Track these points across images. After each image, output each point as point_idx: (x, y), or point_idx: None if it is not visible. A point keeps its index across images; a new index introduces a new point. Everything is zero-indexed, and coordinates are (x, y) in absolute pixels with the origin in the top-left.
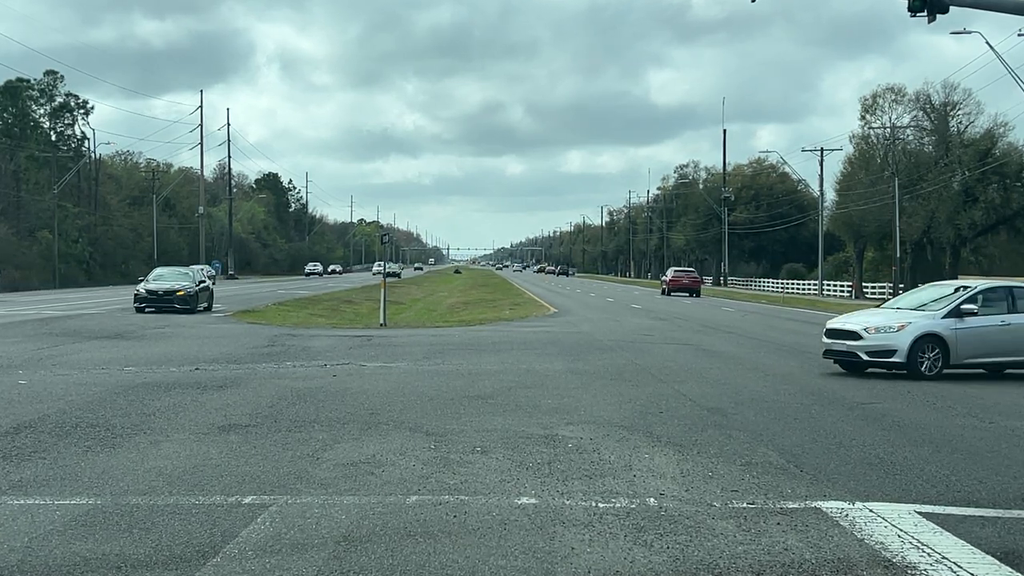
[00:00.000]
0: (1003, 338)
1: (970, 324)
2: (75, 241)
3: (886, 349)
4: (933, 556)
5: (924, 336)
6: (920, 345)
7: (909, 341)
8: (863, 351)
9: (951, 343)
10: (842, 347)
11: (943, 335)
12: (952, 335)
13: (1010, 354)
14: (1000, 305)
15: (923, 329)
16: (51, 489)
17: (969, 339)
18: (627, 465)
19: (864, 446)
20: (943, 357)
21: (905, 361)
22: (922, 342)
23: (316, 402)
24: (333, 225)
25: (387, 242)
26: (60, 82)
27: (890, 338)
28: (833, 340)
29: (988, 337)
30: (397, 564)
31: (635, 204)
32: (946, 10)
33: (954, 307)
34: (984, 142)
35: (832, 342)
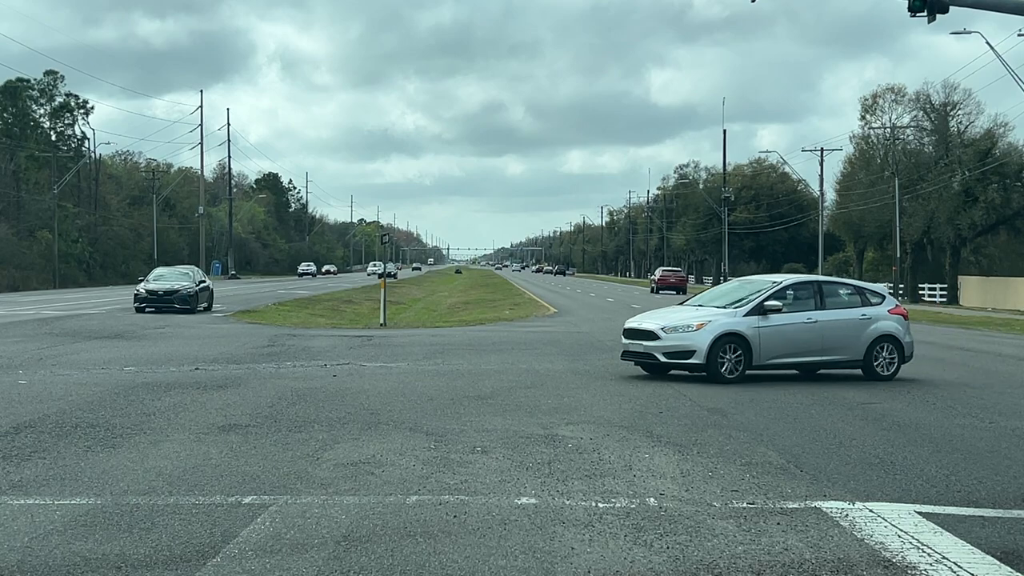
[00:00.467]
0: (809, 336)
1: (774, 322)
2: (75, 241)
3: (684, 350)
4: (933, 556)
5: (724, 335)
6: (720, 345)
7: (708, 341)
8: (660, 352)
9: (754, 343)
10: (639, 348)
11: (745, 334)
12: (755, 334)
13: (816, 353)
14: (808, 302)
15: (723, 328)
16: (51, 489)
17: (773, 338)
18: (627, 465)
19: (864, 446)
20: (745, 358)
21: (704, 363)
22: (722, 342)
23: (316, 402)
24: (334, 225)
25: (387, 242)
26: (60, 82)
27: (688, 338)
28: (631, 341)
29: (793, 336)
30: (397, 564)
31: (635, 204)
32: (946, 10)
33: (757, 304)
34: (984, 142)
35: (629, 343)
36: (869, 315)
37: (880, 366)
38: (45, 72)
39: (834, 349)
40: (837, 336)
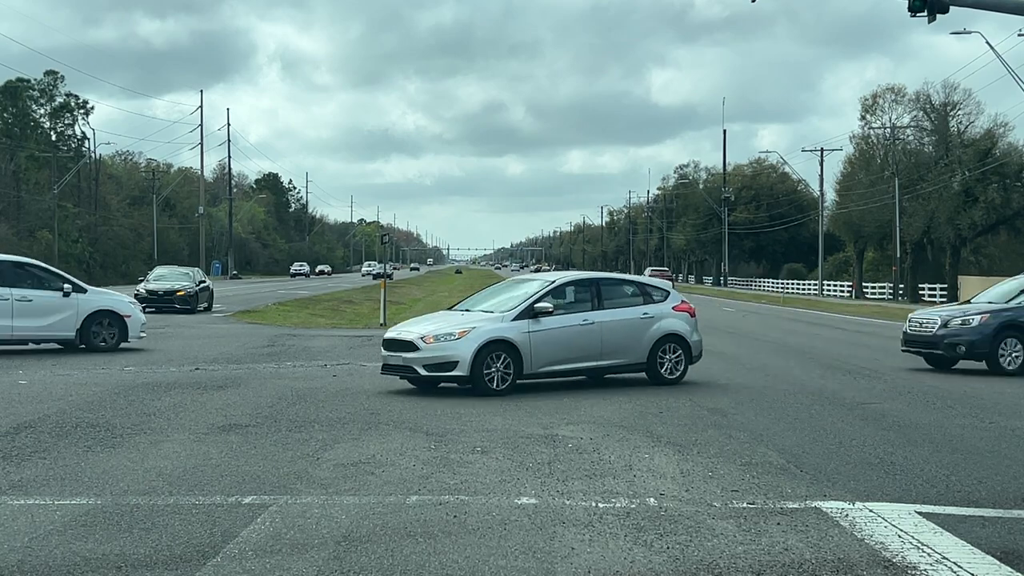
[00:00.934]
0: (586, 340)
1: (547, 325)
2: (75, 241)
3: (446, 361)
4: (933, 556)
5: (491, 343)
6: (486, 354)
7: (472, 350)
8: (420, 365)
9: (524, 349)
10: (398, 361)
11: (514, 340)
12: (525, 340)
13: (595, 358)
14: (584, 302)
15: (489, 335)
16: (51, 489)
17: (546, 343)
18: (627, 465)
19: (864, 446)
20: (515, 366)
21: (468, 374)
22: (489, 350)
23: (316, 402)
24: (334, 225)
25: (387, 242)
26: (60, 82)
27: (450, 348)
28: (390, 353)
29: (569, 339)
30: (397, 564)
31: (635, 204)
32: (946, 10)
33: (527, 307)
34: (984, 142)
35: (389, 355)
36: (652, 313)
37: (666, 368)
38: (45, 72)
39: (615, 352)
40: (617, 338)
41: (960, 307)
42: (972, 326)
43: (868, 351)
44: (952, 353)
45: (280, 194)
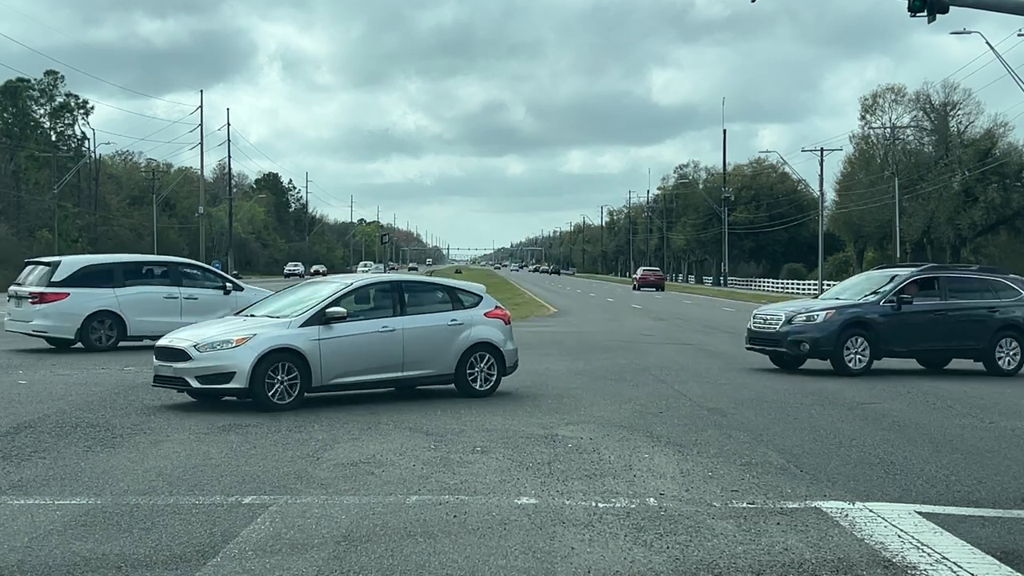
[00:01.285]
0: (386, 348)
1: (340, 332)
2: (75, 241)
3: (221, 372)
4: (933, 556)
5: (274, 352)
6: (268, 364)
7: (252, 360)
8: (194, 376)
9: (313, 359)
10: (169, 372)
11: (301, 349)
12: (314, 348)
13: (395, 368)
14: (386, 307)
15: (272, 343)
16: (51, 489)
17: (339, 352)
18: (627, 465)
19: (864, 446)
20: (303, 378)
21: (247, 387)
22: (271, 360)
23: (316, 402)
24: (334, 225)
25: (387, 242)
26: (60, 82)
27: (226, 357)
28: (161, 363)
29: (365, 348)
30: (397, 564)
31: (635, 204)
32: (946, 10)
33: (317, 312)
34: (984, 142)
35: (160, 364)
36: (461, 320)
37: (476, 379)
38: (45, 72)
39: (419, 362)
40: (422, 346)
41: (806, 302)
42: (816, 323)
43: None
44: (796, 351)
45: (280, 194)
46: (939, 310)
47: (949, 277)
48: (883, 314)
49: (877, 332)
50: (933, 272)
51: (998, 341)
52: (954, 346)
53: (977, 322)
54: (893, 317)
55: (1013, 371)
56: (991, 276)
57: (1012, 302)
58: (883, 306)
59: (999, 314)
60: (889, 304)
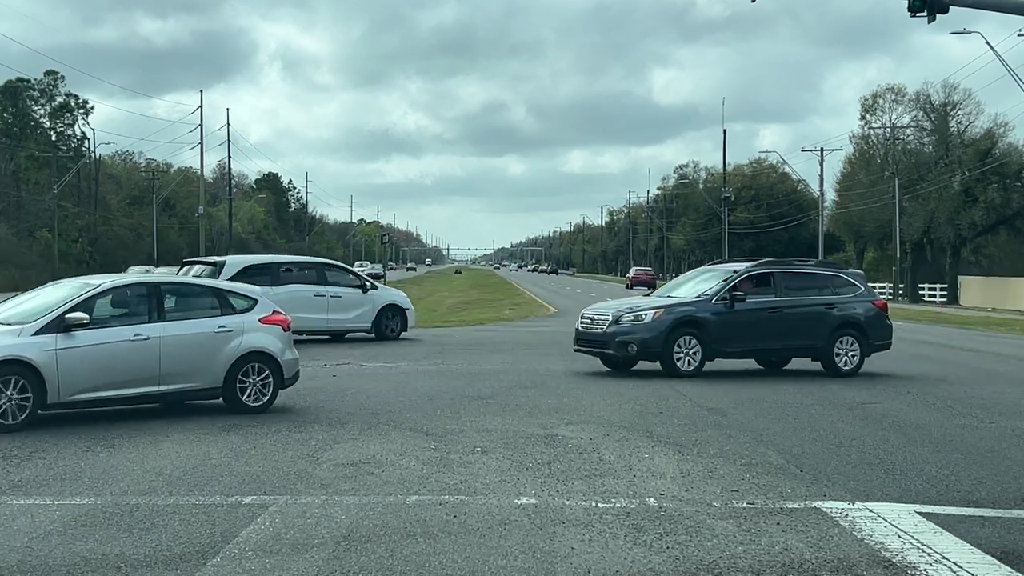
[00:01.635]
0: (138, 359)
1: (84, 341)
2: (75, 241)
3: None
4: (933, 556)
5: None
6: None
7: None
8: None
9: (48, 372)
10: None
11: (33, 360)
12: (49, 359)
13: (151, 382)
14: (141, 312)
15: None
16: (51, 489)
17: (82, 364)
18: (627, 465)
19: (864, 446)
20: (36, 394)
21: None
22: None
23: (316, 402)
24: (334, 225)
25: (387, 242)
26: (60, 82)
27: None
28: None
29: (113, 360)
30: (397, 564)
31: (635, 204)
32: (946, 10)
33: (55, 317)
34: (984, 142)
35: None
36: (231, 326)
37: (248, 394)
38: (45, 72)
39: (180, 375)
40: (182, 356)
41: (637, 300)
42: (644, 323)
43: None
44: (623, 353)
45: (280, 194)
46: (775, 308)
47: (785, 273)
48: (715, 313)
49: (709, 332)
50: (768, 268)
51: (837, 339)
52: (791, 345)
53: (815, 320)
54: (726, 316)
55: (852, 371)
56: (830, 271)
57: (851, 298)
58: (715, 304)
59: (837, 311)
60: (722, 302)
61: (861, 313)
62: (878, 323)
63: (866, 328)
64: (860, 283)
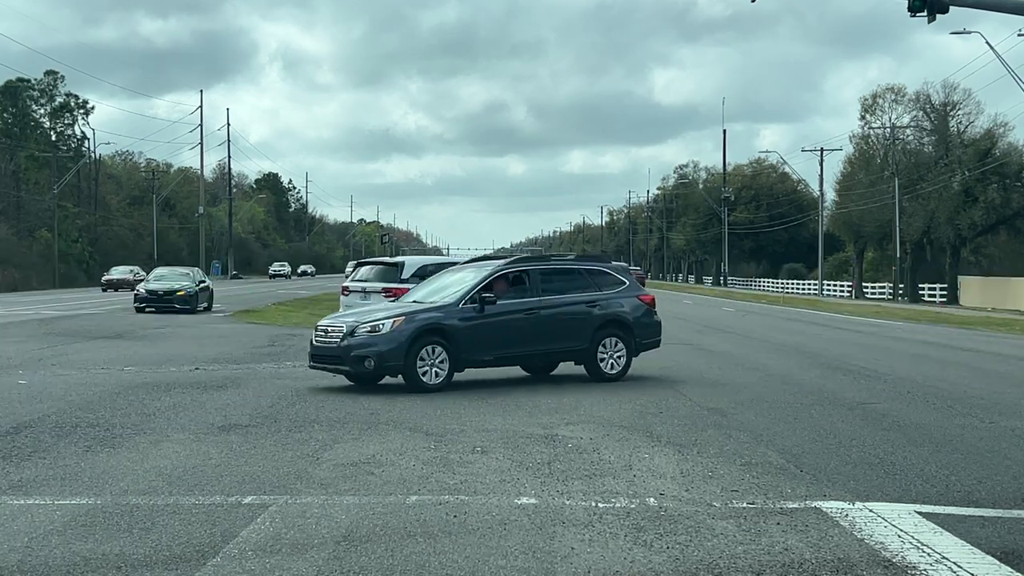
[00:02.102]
0: None
1: None
2: (75, 241)
3: None
4: (933, 556)
5: None
6: None
7: None
8: None
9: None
10: None
11: None
12: None
13: None
14: None
15: None
16: (51, 489)
17: None
18: (627, 465)
19: (864, 446)
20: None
21: None
22: None
23: (316, 402)
24: (334, 225)
25: (387, 242)
26: (60, 82)
27: None
28: None
29: None
30: (397, 564)
31: (635, 204)
32: (946, 10)
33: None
34: (984, 142)
35: None
36: None
37: None
38: (45, 72)
39: None
40: None
41: (380, 306)
42: (382, 334)
43: (868, 351)
44: (360, 369)
45: (280, 194)
46: (531, 308)
47: (542, 270)
48: (464, 318)
49: (457, 340)
50: (521, 265)
51: (600, 340)
52: (550, 349)
53: (575, 320)
54: (476, 320)
55: (618, 374)
56: (591, 265)
57: (616, 294)
58: (463, 308)
59: (599, 310)
60: (471, 305)
61: (627, 311)
62: (645, 320)
63: (632, 327)
64: (625, 277)
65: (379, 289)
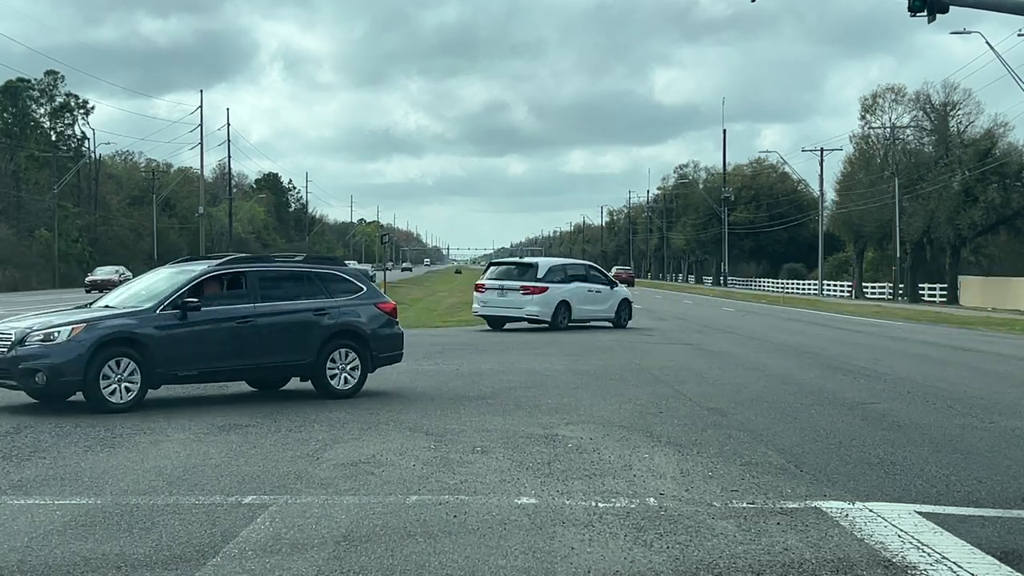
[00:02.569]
0: None
1: None
2: (75, 241)
3: None
4: (933, 556)
5: None
6: None
7: None
8: None
9: None
10: None
11: None
12: None
13: None
14: None
15: None
16: (51, 489)
17: None
18: (627, 465)
19: (864, 446)
20: None
21: None
22: None
23: (316, 402)
24: (334, 225)
25: (387, 242)
26: (60, 82)
27: None
28: None
29: None
30: (397, 564)
31: (635, 204)
32: (946, 10)
33: None
34: (984, 142)
35: None
36: None
37: None
38: (45, 72)
39: None
40: None
41: (63, 312)
42: (57, 343)
43: (868, 351)
44: (31, 385)
45: (280, 194)
46: (245, 316)
47: (263, 272)
48: (162, 326)
49: (151, 352)
50: (237, 267)
51: (330, 353)
52: (269, 363)
53: (300, 329)
54: (177, 329)
55: (350, 391)
56: (322, 269)
57: (351, 301)
58: (161, 315)
59: (330, 319)
60: (171, 312)
61: (363, 320)
62: (384, 331)
63: (368, 338)
64: (363, 283)
65: (517, 287)
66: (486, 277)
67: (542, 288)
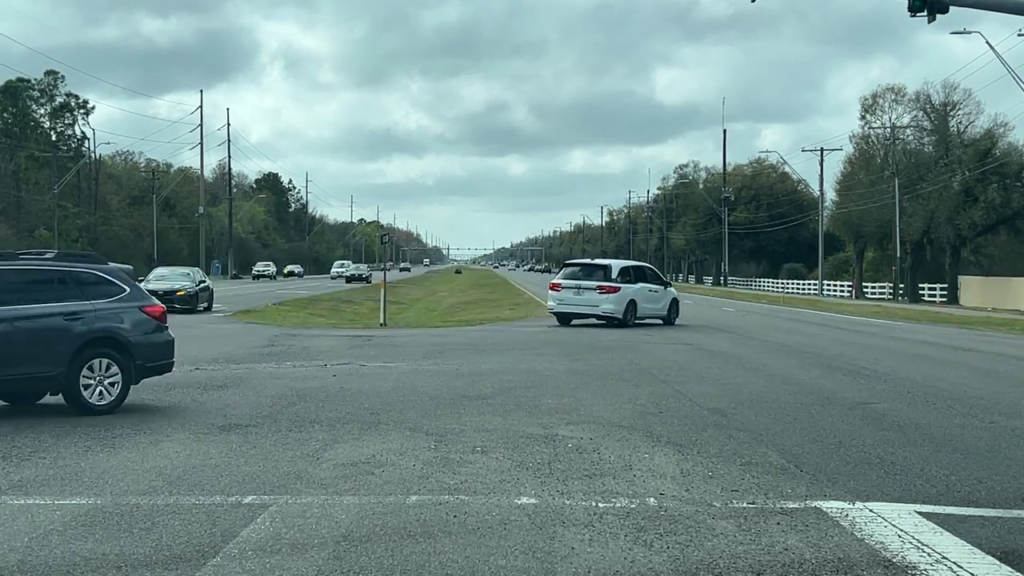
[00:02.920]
0: None
1: None
2: (75, 241)
3: None
4: (933, 556)
5: None
6: None
7: None
8: None
9: None
10: None
11: None
12: None
13: None
14: None
15: None
16: (51, 489)
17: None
18: (627, 465)
19: (864, 446)
20: None
21: None
22: None
23: (316, 402)
24: (334, 225)
25: (387, 242)
26: (61, 82)
27: None
28: None
29: None
30: (397, 564)
31: (635, 204)
32: (946, 10)
33: None
34: (984, 142)
35: None
36: None
37: None
38: (45, 72)
39: None
40: None
41: None
42: None
43: (868, 351)
44: None
45: (280, 194)
46: None
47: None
48: None
49: None
50: None
51: (86, 363)
52: (9, 375)
53: (46, 337)
54: None
55: (110, 406)
56: (75, 267)
57: (110, 304)
58: None
59: (84, 324)
60: None
61: (125, 327)
62: (151, 339)
63: (131, 346)
64: (126, 284)
65: (593, 287)
66: (560, 277)
67: (615, 288)
